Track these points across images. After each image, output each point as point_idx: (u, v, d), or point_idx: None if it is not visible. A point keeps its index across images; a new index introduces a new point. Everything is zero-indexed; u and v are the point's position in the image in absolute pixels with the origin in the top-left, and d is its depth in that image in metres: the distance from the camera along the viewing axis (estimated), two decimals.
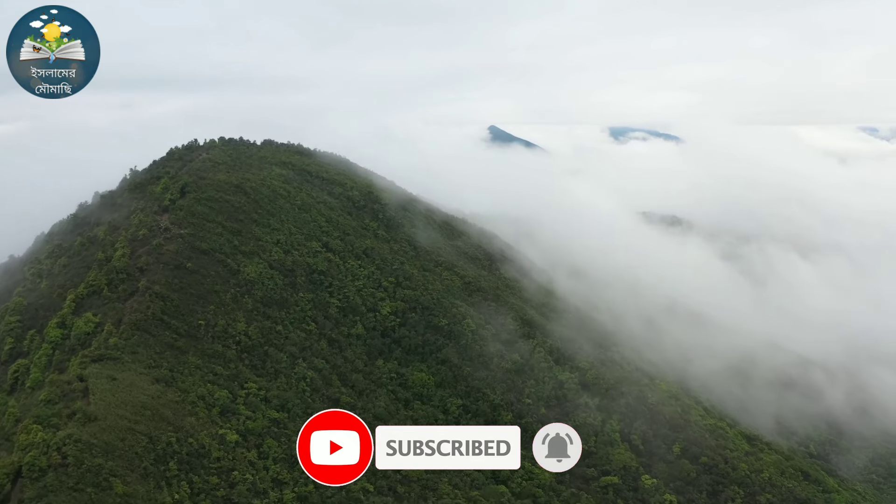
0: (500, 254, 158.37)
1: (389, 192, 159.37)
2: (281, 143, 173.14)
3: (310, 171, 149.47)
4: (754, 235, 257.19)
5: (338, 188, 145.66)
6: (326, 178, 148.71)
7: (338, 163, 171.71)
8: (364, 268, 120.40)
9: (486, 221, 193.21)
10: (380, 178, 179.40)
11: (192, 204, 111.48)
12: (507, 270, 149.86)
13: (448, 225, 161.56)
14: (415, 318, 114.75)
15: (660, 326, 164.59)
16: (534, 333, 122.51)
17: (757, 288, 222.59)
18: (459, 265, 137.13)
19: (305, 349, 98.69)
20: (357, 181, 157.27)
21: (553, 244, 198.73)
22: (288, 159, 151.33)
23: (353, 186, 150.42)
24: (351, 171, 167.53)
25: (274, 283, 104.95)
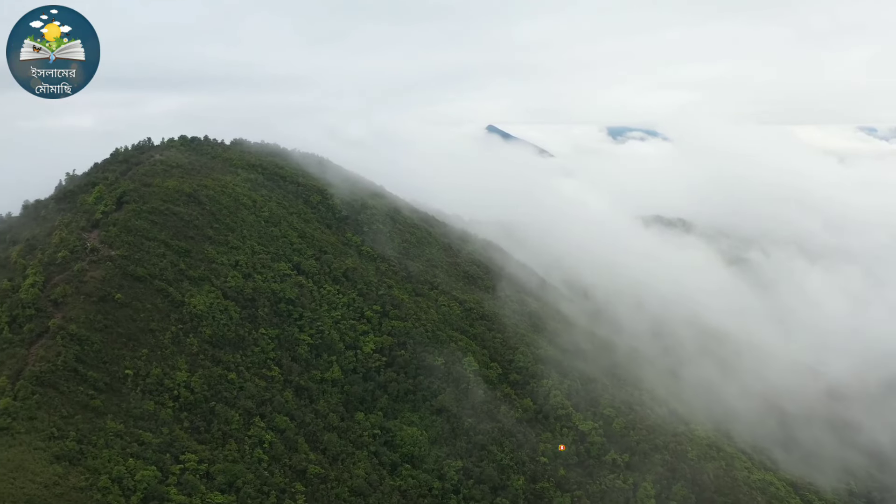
0: (501, 270, 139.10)
1: (378, 200, 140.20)
2: (255, 143, 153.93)
3: (284, 175, 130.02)
4: (756, 238, 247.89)
5: (316, 196, 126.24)
6: (303, 183, 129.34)
7: (318, 166, 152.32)
8: (343, 294, 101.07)
9: (485, 228, 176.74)
10: (368, 182, 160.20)
11: (129, 218, 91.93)
12: (510, 290, 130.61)
13: (445, 237, 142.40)
14: (404, 356, 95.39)
15: (679, 351, 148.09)
16: (548, 372, 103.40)
17: (768, 298, 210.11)
18: (458, 287, 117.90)
19: (265, 403, 79.20)
20: (340, 187, 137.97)
21: (555, 253, 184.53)
22: (259, 161, 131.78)
23: (334, 194, 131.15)
24: (334, 176, 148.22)
25: (228, 318, 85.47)
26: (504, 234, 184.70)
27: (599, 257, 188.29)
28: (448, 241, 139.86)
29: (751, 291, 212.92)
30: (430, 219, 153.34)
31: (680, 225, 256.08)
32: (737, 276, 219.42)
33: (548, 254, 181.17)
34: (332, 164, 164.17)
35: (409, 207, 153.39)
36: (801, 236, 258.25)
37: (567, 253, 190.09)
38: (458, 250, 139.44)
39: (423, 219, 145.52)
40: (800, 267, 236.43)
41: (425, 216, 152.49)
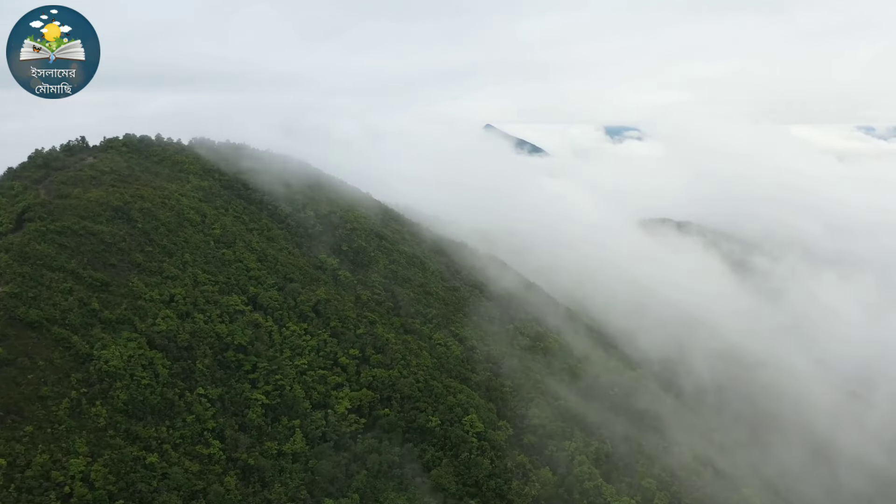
0: (506, 293, 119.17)
1: (363, 211, 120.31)
2: (220, 143, 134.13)
3: (247, 181, 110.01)
4: (758, 241, 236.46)
5: (285, 207, 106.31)
6: (270, 192, 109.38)
7: (293, 170, 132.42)
8: (312, 335, 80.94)
9: (483, 237, 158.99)
10: (351, 189, 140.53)
11: (28, 241, 71.68)
12: (518, 318, 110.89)
13: (441, 254, 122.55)
14: (390, 417, 75.34)
15: (705, 380, 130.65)
16: (569, 431, 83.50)
17: (780, 308, 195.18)
18: (457, 320, 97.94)
19: (196, 496, 59.05)
20: (317, 196, 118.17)
21: (549, 262, 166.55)
22: (217, 165, 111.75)
23: (308, 204, 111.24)
24: (312, 182, 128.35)
25: (152, 376, 65.25)
26: (501, 240, 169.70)
27: (596, 264, 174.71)
28: (444, 259, 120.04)
29: (761, 301, 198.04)
30: (422, 230, 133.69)
31: (679, 228, 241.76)
32: (745, 285, 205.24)
33: (542, 262, 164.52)
34: (310, 169, 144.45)
35: (398, 219, 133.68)
36: (805, 240, 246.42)
37: (562, 261, 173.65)
38: (456, 269, 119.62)
39: (414, 232, 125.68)
40: (808, 274, 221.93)
41: (416, 229, 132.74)
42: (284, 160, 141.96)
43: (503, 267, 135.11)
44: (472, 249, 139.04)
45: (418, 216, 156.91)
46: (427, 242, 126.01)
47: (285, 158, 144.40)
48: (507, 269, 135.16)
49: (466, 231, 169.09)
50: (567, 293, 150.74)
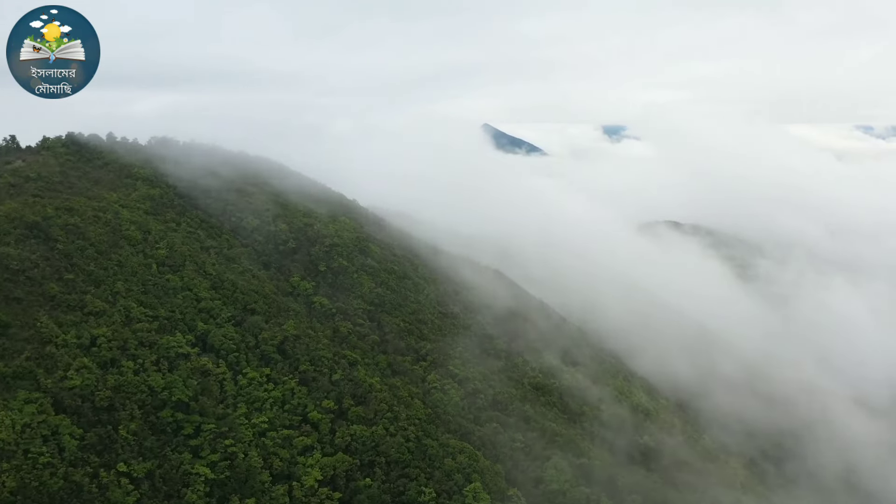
0: (511, 316, 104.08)
1: (346, 221, 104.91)
2: (187, 144, 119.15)
3: (209, 188, 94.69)
4: (760, 243, 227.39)
5: (251, 220, 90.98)
6: (235, 201, 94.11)
7: (269, 174, 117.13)
8: (276, 383, 65.49)
9: (479, 244, 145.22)
10: (336, 196, 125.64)
11: None
12: (527, 346, 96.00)
13: (436, 271, 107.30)
14: (372, 489, 59.95)
15: (729, 420, 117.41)
16: (596, 497, 68.22)
17: (790, 317, 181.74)
18: (456, 355, 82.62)
19: None
20: (294, 205, 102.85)
21: (554, 273, 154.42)
22: (176, 170, 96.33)
23: (281, 215, 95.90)
24: (290, 188, 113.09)
25: (55, 452, 49.73)
26: (499, 247, 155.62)
27: (596, 270, 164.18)
28: (440, 277, 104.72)
29: (772, 309, 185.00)
30: (414, 242, 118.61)
31: (680, 230, 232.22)
32: (752, 291, 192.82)
33: (540, 270, 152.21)
34: (290, 173, 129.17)
35: (387, 230, 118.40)
36: (807, 242, 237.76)
37: (560, 268, 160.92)
38: (454, 288, 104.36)
39: (406, 246, 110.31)
40: (815, 279, 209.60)
41: (408, 241, 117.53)
42: (261, 163, 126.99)
43: (507, 284, 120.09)
44: (471, 262, 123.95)
45: (411, 223, 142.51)
46: (420, 258, 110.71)
47: (262, 161, 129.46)
48: (511, 286, 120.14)
49: (463, 239, 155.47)
50: (567, 304, 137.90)
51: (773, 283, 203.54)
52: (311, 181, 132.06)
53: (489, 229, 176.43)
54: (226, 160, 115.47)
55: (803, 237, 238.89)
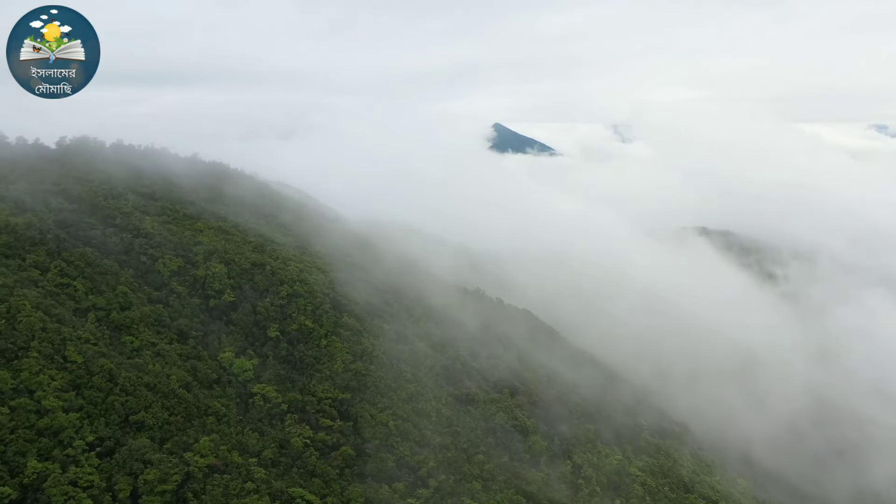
0: (557, 397, 75.35)
1: (314, 258, 76.79)
2: (115, 146, 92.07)
3: (113, 213, 66.64)
4: (781, 249, 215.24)
5: (171, 261, 62.61)
6: (147, 233, 65.84)
7: (222, 186, 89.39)
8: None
9: (495, 266, 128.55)
10: (314, 212, 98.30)
11: None
12: (574, 437, 67.39)
13: (444, 323, 78.75)
14: None
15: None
16: None
17: (832, 338, 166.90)
18: (475, 472, 53.94)
19: None
20: (240, 235, 74.79)
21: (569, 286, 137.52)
22: (72, 187, 68.46)
23: (220, 249, 67.59)
24: (244, 208, 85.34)
25: None
26: (515, 267, 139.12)
27: (614, 280, 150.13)
28: (452, 336, 76.12)
29: (807, 327, 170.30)
30: (408, 269, 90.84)
31: (699, 235, 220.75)
32: (785, 306, 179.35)
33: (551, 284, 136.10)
34: (254, 185, 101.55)
35: (378, 258, 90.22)
36: (830, 250, 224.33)
37: (575, 281, 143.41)
38: (472, 350, 75.78)
39: (400, 288, 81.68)
40: (845, 291, 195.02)
41: (405, 273, 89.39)
42: (214, 172, 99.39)
43: (545, 335, 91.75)
44: (495, 303, 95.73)
45: (411, 241, 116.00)
46: (420, 300, 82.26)
47: (216, 169, 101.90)
48: (553, 338, 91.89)
49: (475, 259, 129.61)
50: (585, 326, 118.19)
51: (802, 296, 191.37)
52: (282, 195, 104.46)
53: (503, 246, 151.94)
54: (161, 169, 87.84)
55: (824, 244, 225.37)
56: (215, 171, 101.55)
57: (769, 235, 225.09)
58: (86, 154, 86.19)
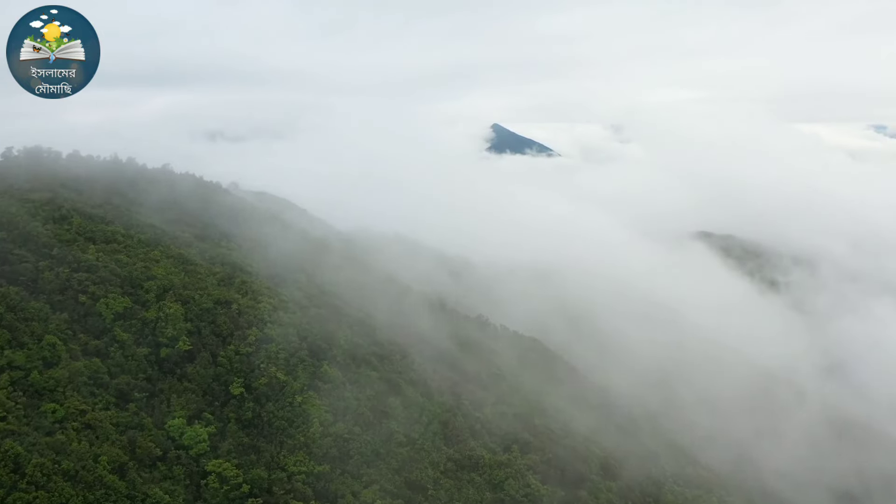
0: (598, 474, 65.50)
1: (292, 291, 66.75)
2: (85, 158, 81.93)
3: (49, 240, 56.51)
4: (783, 254, 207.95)
5: (116, 301, 52.37)
6: (91, 264, 55.70)
7: (190, 205, 79.16)
8: None
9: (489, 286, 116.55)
10: (296, 232, 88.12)
11: None
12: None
13: (452, 365, 68.73)
14: None
15: None
16: None
17: (843, 351, 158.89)
18: None
19: None
20: (205, 266, 64.79)
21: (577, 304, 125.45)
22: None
23: (177, 285, 57.42)
24: (215, 230, 75.16)
25: None
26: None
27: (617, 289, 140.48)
28: (466, 394, 66.08)
29: (816, 339, 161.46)
30: (420, 305, 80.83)
31: (698, 239, 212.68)
32: (787, 314, 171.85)
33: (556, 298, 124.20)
34: (231, 203, 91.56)
35: (364, 286, 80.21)
36: (831, 255, 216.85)
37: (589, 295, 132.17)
38: (487, 421, 65.70)
39: (384, 320, 71.62)
40: (850, 300, 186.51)
41: (410, 308, 79.41)
42: (184, 186, 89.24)
43: (555, 367, 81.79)
44: (500, 331, 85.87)
45: (401, 251, 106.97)
46: (415, 334, 72.21)
47: (187, 182, 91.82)
48: (563, 370, 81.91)
49: (472, 270, 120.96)
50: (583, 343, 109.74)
51: (807, 305, 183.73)
52: (264, 211, 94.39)
53: (500, 256, 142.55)
54: (121, 184, 77.69)
55: (825, 248, 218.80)
56: (186, 184, 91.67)
57: (769, 239, 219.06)
58: (35, 167, 76.23)
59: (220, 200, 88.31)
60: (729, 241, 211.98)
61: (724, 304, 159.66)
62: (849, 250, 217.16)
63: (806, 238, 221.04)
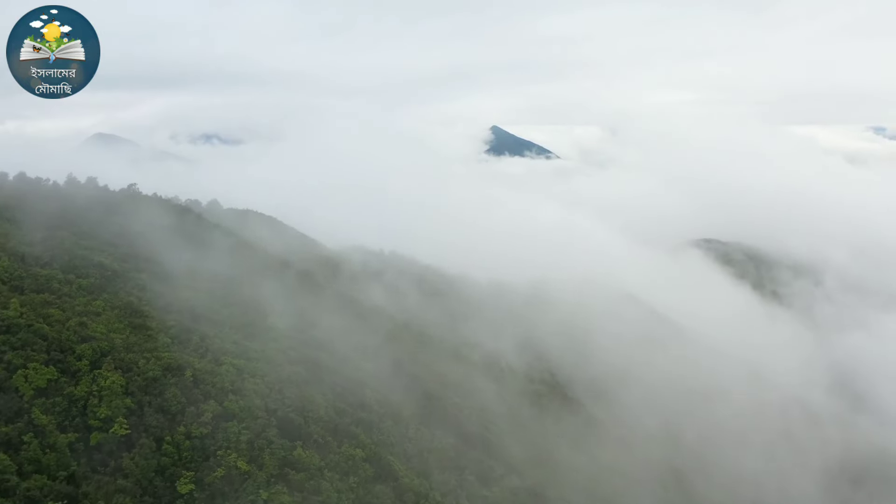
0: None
1: (283, 316, 57.00)
2: (33, 181, 72.20)
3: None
4: (782, 261, 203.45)
5: (37, 372, 42.37)
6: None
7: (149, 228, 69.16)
8: None
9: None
10: (287, 245, 79.23)
11: None
12: None
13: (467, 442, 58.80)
14: None
15: None
16: None
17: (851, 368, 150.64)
18: None
19: None
20: (179, 312, 54.84)
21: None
22: None
23: (150, 351, 47.30)
24: (197, 266, 65.22)
25: None
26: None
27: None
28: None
29: (816, 353, 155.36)
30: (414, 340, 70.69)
31: (697, 247, 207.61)
32: (790, 327, 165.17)
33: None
34: (224, 235, 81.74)
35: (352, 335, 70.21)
36: (835, 262, 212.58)
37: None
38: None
39: (375, 371, 61.68)
40: (854, 311, 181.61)
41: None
42: (162, 212, 79.28)
43: (575, 415, 71.91)
44: (507, 374, 75.96)
45: (396, 272, 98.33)
46: (413, 389, 62.29)
47: (160, 209, 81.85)
48: (585, 418, 72.18)
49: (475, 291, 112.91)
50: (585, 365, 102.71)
51: (811, 318, 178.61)
52: (238, 240, 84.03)
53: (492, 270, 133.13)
54: (70, 213, 67.74)
55: (827, 256, 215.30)
56: (151, 210, 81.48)
57: (768, 245, 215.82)
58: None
59: (189, 229, 78.13)
60: (728, 248, 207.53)
61: (728, 317, 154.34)
62: (850, 258, 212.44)
63: (806, 245, 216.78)
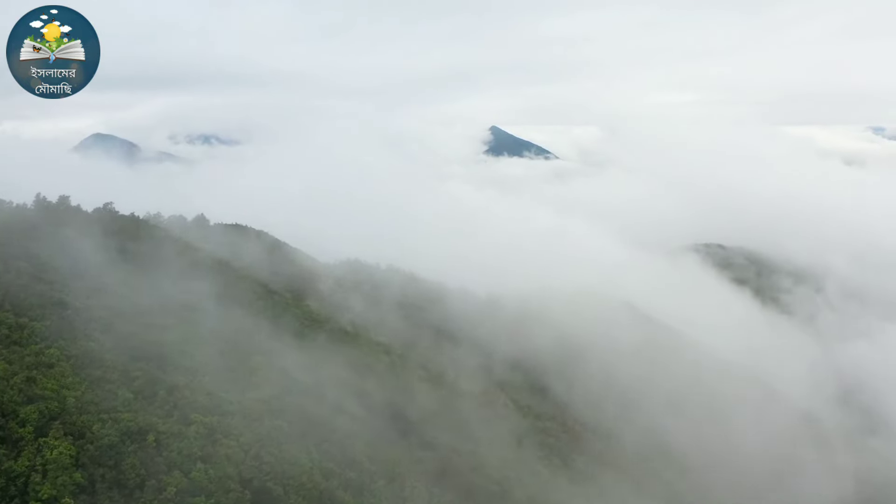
0: None
1: (263, 352, 51.16)
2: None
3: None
4: (780, 268, 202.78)
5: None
6: None
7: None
8: None
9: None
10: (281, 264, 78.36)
11: None
12: None
13: None
14: None
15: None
16: None
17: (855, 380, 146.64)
18: None
19: None
20: (146, 357, 48.85)
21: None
22: None
23: (106, 412, 41.21)
24: (174, 294, 59.22)
25: None
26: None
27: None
28: None
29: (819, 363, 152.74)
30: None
31: (695, 252, 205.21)
32: (791, 336, 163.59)
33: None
34: (208, 258, 76.21)
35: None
36: (835, 268, 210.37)
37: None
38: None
39: (360, 470, 55.86)
40: (856, 319, 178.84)
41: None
42: (138, 234, 72.84)
43: (589, 460, 66.24)
44: (512, 411, 70.32)
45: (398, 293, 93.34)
46: (416, 445, 56.42)
47: (142, 233, 75.43)
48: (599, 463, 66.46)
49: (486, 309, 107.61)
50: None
51: (811, 326, 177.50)
52: (235, 266, 77.66)
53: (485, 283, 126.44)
54: (36, 243, 61.24)
55: (826, 262, 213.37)
56: (126, 232, 74.20)
57: (766, 249, 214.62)
58: None
59: (168, 255, 71.45)
60: (728, 253, 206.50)
61: (729, 325, 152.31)
62: (850, 263, 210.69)
63: (806, 249, 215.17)
